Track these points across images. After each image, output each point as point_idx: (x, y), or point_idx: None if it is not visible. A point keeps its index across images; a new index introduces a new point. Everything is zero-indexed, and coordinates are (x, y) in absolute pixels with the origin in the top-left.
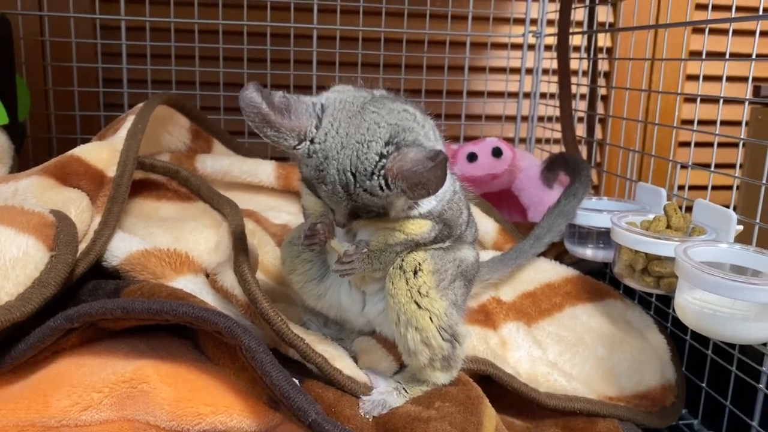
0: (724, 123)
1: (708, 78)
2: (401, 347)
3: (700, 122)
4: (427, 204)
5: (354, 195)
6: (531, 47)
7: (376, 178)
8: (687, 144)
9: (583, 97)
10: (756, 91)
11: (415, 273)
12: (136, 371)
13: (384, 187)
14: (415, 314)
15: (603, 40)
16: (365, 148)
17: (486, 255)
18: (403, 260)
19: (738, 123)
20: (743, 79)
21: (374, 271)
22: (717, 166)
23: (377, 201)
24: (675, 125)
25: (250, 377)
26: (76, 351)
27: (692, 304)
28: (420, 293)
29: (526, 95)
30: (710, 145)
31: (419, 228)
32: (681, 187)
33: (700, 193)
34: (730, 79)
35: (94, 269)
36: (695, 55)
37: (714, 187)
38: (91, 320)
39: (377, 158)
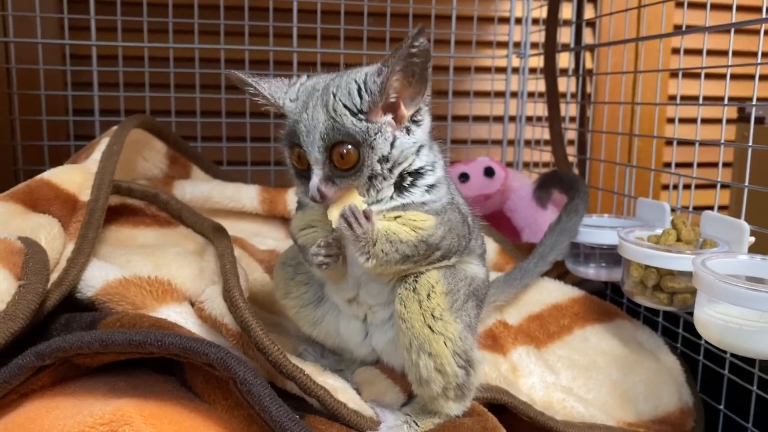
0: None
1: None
2: (412, 376)
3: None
4: (420, 194)
5: (333, 113)
6: (515, 70)
7: (354, 84)
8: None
9: (572, 120)
10: (740, 109)
11: (429, 296)
12: (116, 412)
13: (363, 90)
14: (428, 339)
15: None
16: (351, 72)
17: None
18: (416, 282)
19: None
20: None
21: (366, 255)
22: (700, 165)
23: (356, 124)
24: (656, 135)
25: (245, 414)
26: (48, 392)
27: (715, 319)
28: (434, 316)
29: (512, 119)
30: (692, 143)
31: (424, 221)
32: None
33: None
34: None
35: (66, 302)
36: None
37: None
38: (65, 356)
39: (357, 77)
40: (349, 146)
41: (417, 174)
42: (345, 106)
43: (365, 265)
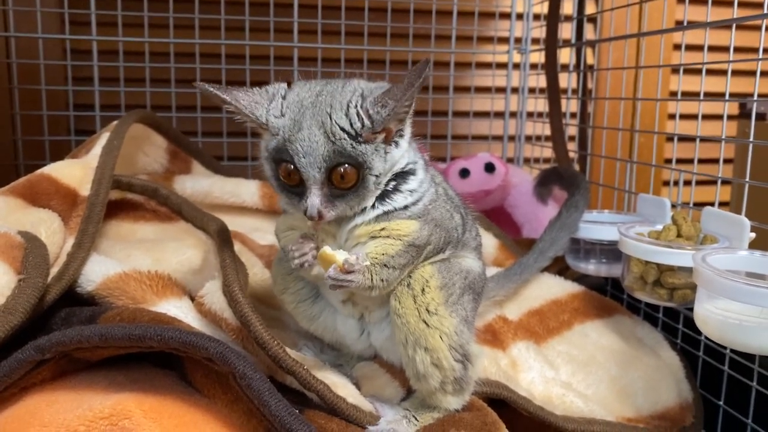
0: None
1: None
2: (410, 371)
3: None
4: (402, 199)
5: (332, 137)
6: (516, 66)
7: (353, 107)
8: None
9: (573, 115)
10: (741, 105)
11: (423, 290)
12: (115, 406)
13: (364, 117)
14: (424, 333)
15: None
16: (341, 90)
17: (488, 272)
18: (410, 277)
19: (719, 117)
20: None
21: (370, 289)
22: (701, 161)
23: (355, 147)
24: (657, 131)
25: (245, 409)
26: (48, 386)
27: (715, 315)
28: (428, 311)
29: (513, 114)
30: (693, 139)
31: (407, 227)
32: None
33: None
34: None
35: (66, 297)
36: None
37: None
38: (64, 350)
39: (351, 95)
40: (347, 166)
41: (401, 177)
42: (343, 129)
43: (373, 295)
